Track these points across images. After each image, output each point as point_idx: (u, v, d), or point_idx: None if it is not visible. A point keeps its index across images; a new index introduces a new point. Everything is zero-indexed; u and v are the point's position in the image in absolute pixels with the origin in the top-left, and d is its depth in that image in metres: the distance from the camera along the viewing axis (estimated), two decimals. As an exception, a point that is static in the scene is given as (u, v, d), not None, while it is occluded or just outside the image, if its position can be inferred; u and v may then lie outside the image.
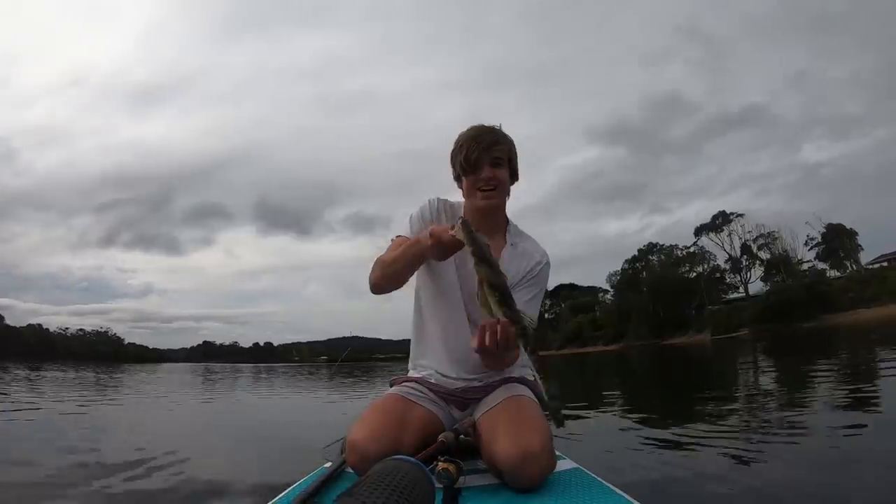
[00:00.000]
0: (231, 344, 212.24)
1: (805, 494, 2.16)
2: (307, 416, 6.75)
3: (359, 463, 1.50)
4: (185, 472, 2.93)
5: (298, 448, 3.47)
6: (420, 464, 0.96)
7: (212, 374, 24.47)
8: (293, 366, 56.89)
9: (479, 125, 1.86)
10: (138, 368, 36.96)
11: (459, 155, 1.80)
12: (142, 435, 4.40)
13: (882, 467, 2.39)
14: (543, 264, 1.88)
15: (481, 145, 1.76)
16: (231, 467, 3.16)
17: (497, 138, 1.80)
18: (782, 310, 44.53)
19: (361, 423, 1.61)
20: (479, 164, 1.77)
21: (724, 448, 3.07)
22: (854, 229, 54.69)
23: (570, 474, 1.60)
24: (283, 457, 3.41)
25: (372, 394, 10.03)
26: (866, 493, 2.12)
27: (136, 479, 2.79)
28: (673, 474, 2.59)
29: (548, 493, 1.42)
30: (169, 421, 6.11)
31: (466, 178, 1.82)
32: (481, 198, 1.80)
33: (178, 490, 2.57)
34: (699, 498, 2.24)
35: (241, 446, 4.12)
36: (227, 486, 2.61)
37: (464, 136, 1.83)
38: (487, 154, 1.76)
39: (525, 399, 1.70)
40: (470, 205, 1.86)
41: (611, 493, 1.41)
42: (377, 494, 0.83)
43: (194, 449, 3.70)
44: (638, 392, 8.46)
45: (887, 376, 5.93)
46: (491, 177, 1.77)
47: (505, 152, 1.81)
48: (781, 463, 2.67)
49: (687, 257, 66.62)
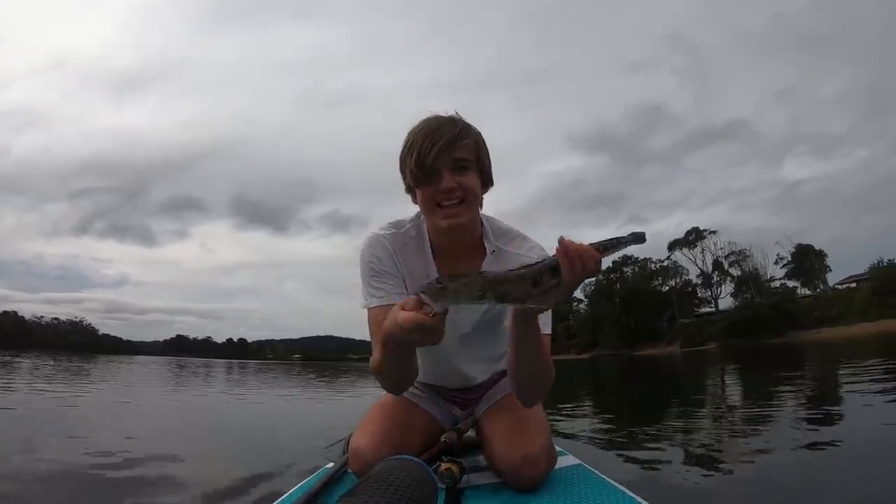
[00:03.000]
0: (205, 339, 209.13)
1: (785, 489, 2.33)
2: (291, 419, 6.78)
3: (362, 470, 1.42)
4: (184, 472, 2.89)
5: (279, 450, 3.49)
6: (422, 463, 0.95)
7: (196, 370, 24.10)
8: (268, 363, 56.28)
9: (433, 116, 1.40)
10: (116, 360, 36.35)
11: (409, 159, 1.35)
12: (132, 433, 4.37)
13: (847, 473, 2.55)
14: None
15: (438, 144, 1.31)
16: (229, 468, 3.08)
17: (458, 133, 1.35)
18: (749, 326, 45.93)
19: (364, 429, 1.53)
20: (437, 170, 1.33)
21: (719, 447, 3.32)
22: (823, 250, 56.70)
23: (571, 471, 1.59)
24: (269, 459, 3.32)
25: (349, 394, 10.17)
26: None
27: (134, 480, 2.73)
28: (674, 472, 2.72)
29: (550, 489, 1.41)
30: (164, 419, 5.95)
31: (421, 189, 1.38)
32: (443, 216, 1.37)
33: (178, 491, 2.52)
34: (699, 495, 2.34)
35: (237, 446, 4.06)
36: (227, 487, 2.56)
37: (414, 132, 1.38)
38: (447, 156, 1.33)
39: None
40: (430, 224, 1.46)
41: (613, 490, 1.40)
42: (379, 495, 0.81)
43: (193, 449, 3.66)
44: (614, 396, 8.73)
45: (848, 392, 6.22)
46: (453, 187, 1.34)
47: (471, 150, 1.37)
48: (759, 464, 2.82)
49: (660, 271, 68.10)
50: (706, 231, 64.36)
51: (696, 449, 3.29)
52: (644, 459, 2.98)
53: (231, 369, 26.26)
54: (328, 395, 10.07)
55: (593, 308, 69.06)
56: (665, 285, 67.15)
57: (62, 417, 5.26)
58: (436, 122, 1.38)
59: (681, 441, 3.58)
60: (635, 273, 69.76)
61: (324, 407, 7.96)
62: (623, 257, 71.20)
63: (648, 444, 3.46)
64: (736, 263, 60.98)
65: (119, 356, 66.21)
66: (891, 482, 2.27)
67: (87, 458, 3.10)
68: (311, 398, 9.49)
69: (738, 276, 60.29)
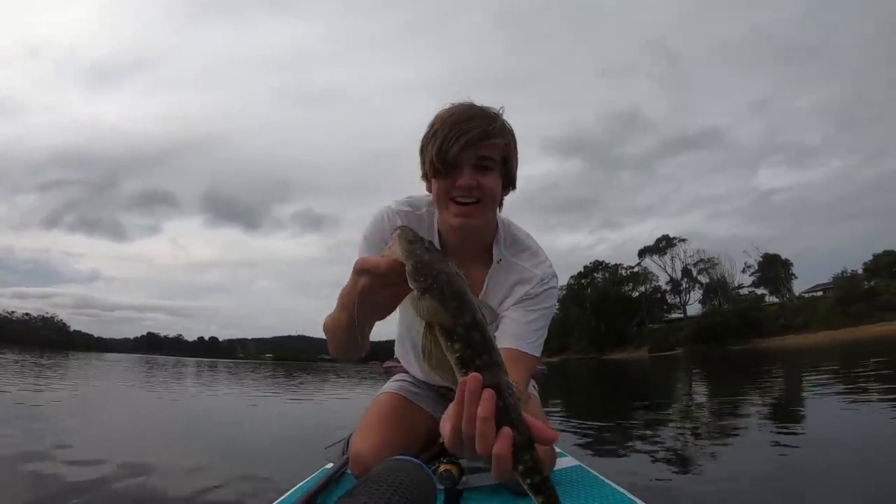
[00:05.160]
0: (176, 337, 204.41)
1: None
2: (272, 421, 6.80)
3: (362, 471, 1.37)
4: (182, 473, 2.90)
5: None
6: (421, 464, 0.95)
7: (185, 369, 23.91)
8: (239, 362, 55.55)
9: (467, 104, 1.30)
10: (84, 358, 35.90)
11: (431, 146, 1.26)
12: (123, 435, 4.33)
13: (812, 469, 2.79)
14: (546, 287, 1.41)
15: (465, 138, 1.22)
16: (225, 469, 3.10)
17: (491, 129, 1.25)
18: (715, 332, 47.01)
19: (364, 430, 1.50)
20: (459, 164, 1.25)
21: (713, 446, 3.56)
22: (789, 259, 58.43)
23: (571, 472, 1.60)
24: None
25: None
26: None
27: (130, 481, 2.72)
28: (674, 472, 2.87)
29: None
30: (151, 422, 5.88)
31: (437, 180, 1.29)
32: (455, 213, 1.29)
33: (178, 492, 2.52)
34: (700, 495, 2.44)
35: (237, 446, 4.09)
36: (226, 489, 2.57)
37: (443, 116, 1.28)
38: (472, 152, 1.24)
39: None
40: (441, 218, 1.39)
41: (612, 491, 1.40)
42: (378, 496, 0.81)
43: (192, 448, 3.70)
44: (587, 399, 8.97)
45: (809, 397, 6.52)
46: (472, 185, 1.26)
47: (499, 150, 1.29)
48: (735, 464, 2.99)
49: (630, 277, 69.27)
50: (676, 239, 65.95)
51: (691, 449, 3.50)
52: (642, 460, 3.12)
53: (216, 368, 25.93)
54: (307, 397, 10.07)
55: (564, 312, 69.76)
56: (635, 291, 68.44)
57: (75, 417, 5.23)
58: (468, 112, 1.27)
59: (673, 442, 3.76)
60: (606, 279, 70.93)
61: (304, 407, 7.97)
62: (594, 262, 72.50)
63: (642, 446, 3.62)
64: (704, 271, 62.56)
65: (90, 353, 64.67)
66: (852, 475, 2.54)
67: (87, 460, 3.11)
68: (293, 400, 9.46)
69: (706, 283, 61.83)
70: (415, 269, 0.71)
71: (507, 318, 1.36)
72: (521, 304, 1.38)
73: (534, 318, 1.36)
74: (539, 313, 1.37)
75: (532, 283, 1.39)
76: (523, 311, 1.36)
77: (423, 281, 0.70)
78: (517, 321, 1.35)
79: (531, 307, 1.37)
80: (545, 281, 1.41)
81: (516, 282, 1.41)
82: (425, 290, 0.70)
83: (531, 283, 1.39)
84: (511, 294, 1.40)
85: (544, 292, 1.40)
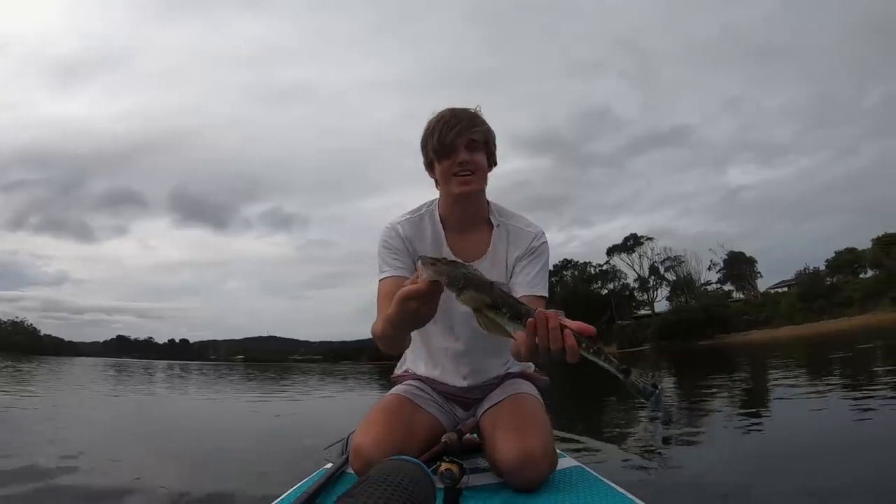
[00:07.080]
0: (146, 339, 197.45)
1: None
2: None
3: (363, 468, 1.43)
4: (181, 473, 2.92)
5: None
6: (421, 464, 0.95)
7: (155, 372, 23.63)
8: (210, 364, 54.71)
9: (452, 108, 1.73)
10: (54, 361, 35.38)
11: (432, 138, 1.66)
12: (117, 438, 4.35)
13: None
14: (541, 241, 1.76)
15: (456, 127, 1.63)
16: (225, 470, 3.14)
17: (473, 119, 1.68)
18: (682, 328, 48.12)
19: (366, 428, 1.56)
20: (455, 146, 1.64)
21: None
22: (753, 257, 60.19)
23: (571, 473, 1.60)
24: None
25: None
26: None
27: (128, 483, 2.74)
28: (673, 473, 2.90)
29: (549, 491, 1.42)
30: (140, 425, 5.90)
31: (440, 163, 1.68)
32: (458, 183, 1.66)
33: (177, 495, 2.52)
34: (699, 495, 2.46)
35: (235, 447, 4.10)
36: (226, 489, 2.58)
37: (436, 119, 1.70)
38: (463, 136, 1.64)
39: (525, 396, 1.68)
40: (445, 192, 1.74)
41: (612, 492, 1.41)
42: (378, 495, 0.81)
43: (191, 449, 3.71)
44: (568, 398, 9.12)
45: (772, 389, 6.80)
46: (467, 160, 1.64)
47: (483, 134, 1.69)
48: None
49: (599, 275, 70.35)
50: (643, 237, 67.26)
51: (687, 448, 3.57)
52: (639, 461, 3.16)
53: (188, 371, 25.48)
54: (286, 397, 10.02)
55: (535, 310, 70.36)
56: (604, 289, 69.54)
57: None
58: (455, 111, 1.70)
59: (651, 438, 3.91)
60: (575, 276, 71.91)
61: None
62: (563, 261, 73.29)
63: (636, 446, 3.68)
64: (671, 269, 63.98)
65: (60, 358, 62.79)
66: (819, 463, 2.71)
67: (90, 462, 3.18)
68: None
69: (673, 280, 63.21)
70: (449, 280, 1.07)
71: (517, 274, 1.70)
72: (524, 259, 1.72)
73: (538, 269, 1.72)
74: (541, 264, 1.73)
75: (530, 239, 1.74)
76: (529, 265, 1.71)
77: (458, 283, 1.06)
78: (527, 273, 1.70)
79: (533, 259, 1.72)
80: (539, 237, 1.76)
81: (517, 238, 1.75)
82: (461, 288, 1.06)
83: (529, 239, 1.74)
84: (516, 248, 1.74)
85: (541, 245, 1.75)
